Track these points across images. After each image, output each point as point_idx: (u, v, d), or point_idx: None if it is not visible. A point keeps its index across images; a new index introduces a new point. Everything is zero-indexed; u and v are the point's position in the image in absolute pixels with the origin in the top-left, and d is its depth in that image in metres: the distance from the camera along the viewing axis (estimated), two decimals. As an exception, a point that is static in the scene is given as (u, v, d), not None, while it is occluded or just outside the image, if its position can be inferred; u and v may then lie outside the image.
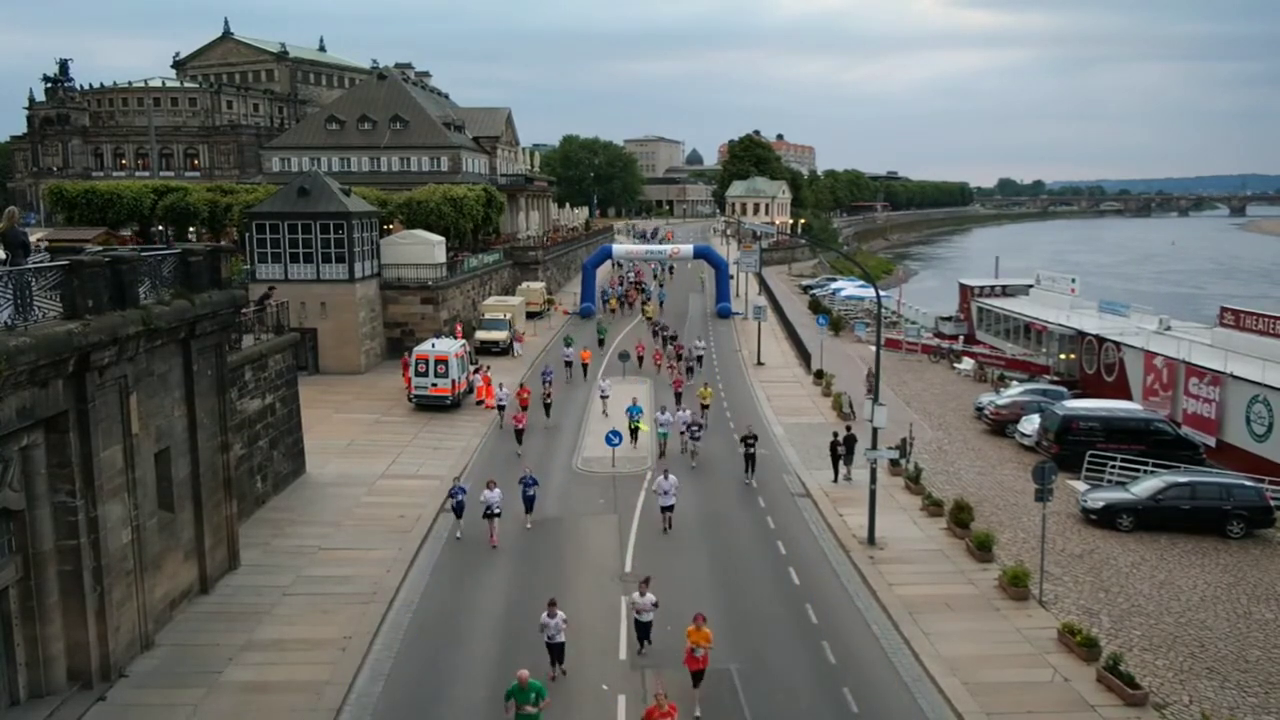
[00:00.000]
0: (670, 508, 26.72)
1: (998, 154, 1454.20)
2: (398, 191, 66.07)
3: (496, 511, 25.92)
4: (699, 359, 51.45)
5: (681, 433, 34.35)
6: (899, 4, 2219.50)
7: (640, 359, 50.48)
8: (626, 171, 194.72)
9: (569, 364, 48.47)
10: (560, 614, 18.53)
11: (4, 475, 16.08)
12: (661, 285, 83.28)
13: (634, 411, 36.04)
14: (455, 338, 47.10)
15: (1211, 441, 37.63)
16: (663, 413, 35.67)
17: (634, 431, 35.50)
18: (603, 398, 41.10)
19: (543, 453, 35.41)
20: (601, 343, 56.40)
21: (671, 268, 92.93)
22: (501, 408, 38.62)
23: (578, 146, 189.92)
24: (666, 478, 26.91)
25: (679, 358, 50.18)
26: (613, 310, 71.66)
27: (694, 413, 36.51)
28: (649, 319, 65.33)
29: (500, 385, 39.91)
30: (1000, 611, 22.16)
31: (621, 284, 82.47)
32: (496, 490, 26.00)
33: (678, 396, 40.79)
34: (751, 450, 31.69)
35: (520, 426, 35.40)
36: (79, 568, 17.37)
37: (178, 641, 20.04)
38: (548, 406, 39.83)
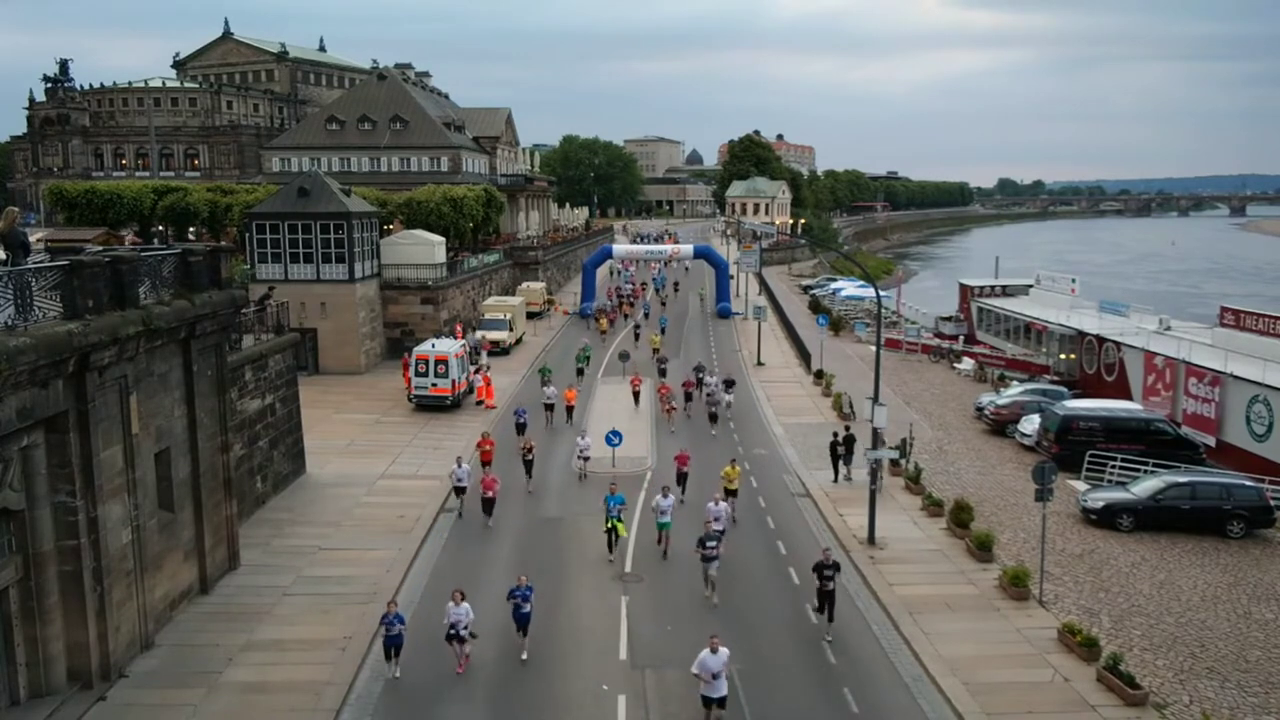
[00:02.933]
0: (723, 701, 17.04)
1: (998, 154, 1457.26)
2: (398, 191, 66.22)
3: (464, 633, 19.11)
4: (722, 404, 39.37)
5: (703, 549, 22.57)
6: (900, 4, 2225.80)
7: (636, 394, 42.29)
8: (626, 172, 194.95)
9: (549, 406, 39.11)
10: None
11: (4, 475, 16.08)
12: (664, 304, 74.49)
13: (613, 503, 25.15)
14: (456, 338, 47.13)
15: (1211, 441, 37.64)
16: (665, 496, 25.77)
17: (611, 533, 25.12)
18: (582, 458, 32.21)
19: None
20: (581, 372, 47.09)
21: (676, 284, 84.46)
22: (461, 489, 28.59)
23: (578, 146, 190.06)
24: (715, 651, 16.91)
25: (688, 397, 41.04)
26: (603, 332, 61.34)
27: (722, 509, 24.99)
28: (655, 350, 51.44)
29: (459, 461, 29.37)
30: (1000, 611, 22.17)
31: (616, 296, 74.02)
32: (465, 605, 19.11)
33: (681, 477, 29.61)
34: (830, 586, 21.01)
35: (490, 494, 27.39)
36: (79, 568, 17.36)
37: (178, 641, 20.04)
38: (529, 464, 31.01)
